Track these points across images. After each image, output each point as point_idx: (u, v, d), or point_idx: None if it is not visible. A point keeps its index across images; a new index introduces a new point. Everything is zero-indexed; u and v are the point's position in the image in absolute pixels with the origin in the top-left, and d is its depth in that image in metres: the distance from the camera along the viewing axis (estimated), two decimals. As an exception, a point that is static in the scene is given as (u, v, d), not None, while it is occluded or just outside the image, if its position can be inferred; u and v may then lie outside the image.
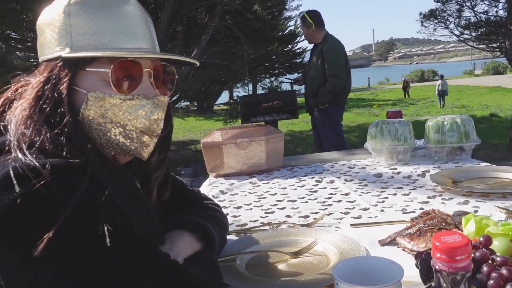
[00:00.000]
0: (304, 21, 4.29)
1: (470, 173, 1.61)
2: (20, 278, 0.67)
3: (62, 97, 0.77)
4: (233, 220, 1.39)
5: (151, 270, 0.72)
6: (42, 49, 0.83)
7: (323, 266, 1.00)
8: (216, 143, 1.98)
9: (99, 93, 0.79)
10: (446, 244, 0.54)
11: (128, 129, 0.82)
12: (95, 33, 0.78)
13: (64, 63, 0.78)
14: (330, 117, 4.27)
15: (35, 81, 0.80)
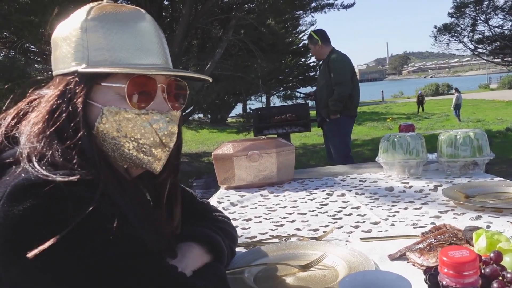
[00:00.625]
0: (311, 38, 4.51)
1: (483, 188, 1.58)
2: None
3: (77, 111, 0.78)
4: (243, 233, 1.39)
5: (158, 283, 0.72)
6: (57, 63, 0.85)
7: (332, 280, 0.99)
8: (227, 155, 1.99)
9: (115, 108, 0.80)
10: (454, 259, 0.53)
11: (142, 143, 0.83)
12: (111, 49, 0.80)
13: (80, 77, 0.80)
14: (342, 128, 4.40)
15: (50, 94, 0.81)
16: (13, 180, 0.71)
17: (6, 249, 0.68)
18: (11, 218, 0.67)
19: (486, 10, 7.67)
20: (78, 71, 0.80)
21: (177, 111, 0.88)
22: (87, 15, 0.81)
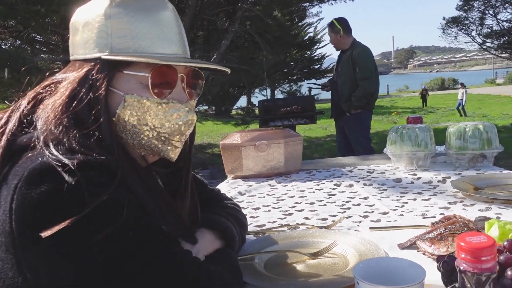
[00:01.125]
0: (333, 27, 4.37)
1: (492, 180, 1.58)
2: (44, 272, 0.68)
3: (99, 98, 0.79)
4: (252, 221, 1.39)
5: (173, 267, 0.72)
6: (77, 48, 0.84)
7: (342, 268, 0.99)
8: (235, 145, 1.99)
9: (137, 96, 0.81)
10: (472, 245, 0.53)
11: (161, 132, 0.84)
12: (135, 37, 0.80)
13: (103, 64, 0.80)
14: (363, 121, 4.37)
15: (70, 79, 0.81)
16: (30, 164, 0.71)
17: (24, 231, 0.69)
18: (28, 201, 0.67)
19: (494, 3, 7.61)
20: (101, 57, 0.80)
21: (194, 100, 0.89)
22: (111, 2, 0.81)
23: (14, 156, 0.77)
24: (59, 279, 0.68)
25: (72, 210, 0.68)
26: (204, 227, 0.95)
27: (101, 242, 0.68)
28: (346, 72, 4.34)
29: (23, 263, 0.69)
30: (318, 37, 18.41)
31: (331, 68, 18.45)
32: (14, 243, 0.69)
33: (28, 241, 0.68)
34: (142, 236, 0.71)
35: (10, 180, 0.72)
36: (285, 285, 0.91)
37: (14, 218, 0.69)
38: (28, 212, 0.68)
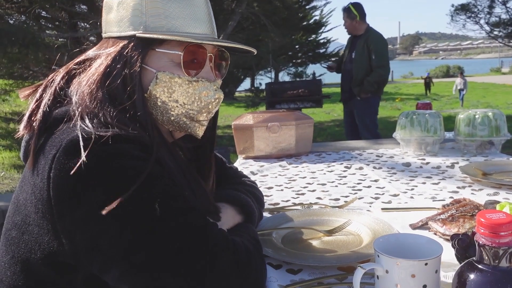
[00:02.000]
0: (349, 12, 4.44)
1: (500, 167, 1.62)
2: (80, 238, 0.72)
3: (134, 74, 0.82)
4: (266, 199, 1.43)
5: (204, 237, 0.76)
6: (110, 26, 0.88)
7: (356, 245, 1.04)
8: (247, 125, 2.03)
9: (169, 74, 0.85)
10: (491, 221, 0.57)
11: (190, 109, 0.88)
12: (168, 16, 0.84)
13: (137, 42, 0.83)
14: (372, 106, 4.50)
15: (104, 56, 0.85)
16: (67, 135, 0.75)
17: (61, 199, 0.72)
18: (66, 170, 0.71)
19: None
20: (136, 35, 0.83)
21: (220, 80, 0.93)
22: None
23: (50, 128, 0.80)
24: (95, 244, 0.72)
25: (110, 181, 0.72)
26: (226, 202, 0.99)
27: (137, 214, 0.71)
28: (361, 58, 4.42)
29: (59, 229, 0.74)
30: (324, 20, 18.25)
31: (336, 52, 18.34)
32: (51, 210, 0.73)
33: (65, 208, 0.72)
34: (175, 208, 0.75)
35: (48, 151, 0.76)
36: (303, 258, 0.96)
37: (51, 186, 0.73)
38: (65, 181, 0.72)
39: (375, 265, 0.72)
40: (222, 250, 0.77)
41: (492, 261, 0.58)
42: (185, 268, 0.72)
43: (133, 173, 0.72)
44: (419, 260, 0.69)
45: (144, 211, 0.72)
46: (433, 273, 0.69)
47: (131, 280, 0.72)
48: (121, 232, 0.71)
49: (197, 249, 0.74)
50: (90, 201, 0.71)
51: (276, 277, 0.90)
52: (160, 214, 0.73)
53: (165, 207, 0.73)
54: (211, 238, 0.77)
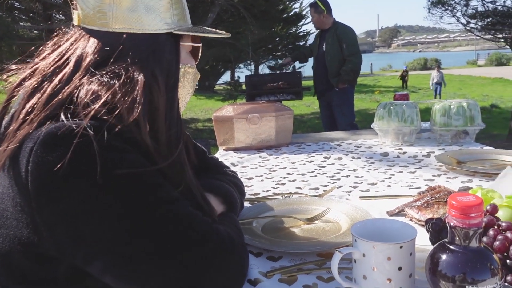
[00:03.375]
0: (317, 7, 4.60)
1: (474, 155, 1.67)
2: (62, 230, 0.72)
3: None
4: (246, 190, 1.44)
5: (187, 226, 0.76)
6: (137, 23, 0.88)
7: (335, 232, 1.06)
8: (228, 117, 2.04)
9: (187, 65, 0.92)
10: (462, 203, 0.60)
11: (190, 95, 0.96)
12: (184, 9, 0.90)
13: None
14: (349, 96, 4.69)
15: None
16: (46, 128, 0.74)
17: (42, 192, 0.72)
18: (45, 163, 0.70)
19: (480, -16, 7.72)
20: (172, 33, 0.86)
21: None
22: None
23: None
24: (77, 236, 0.71)
25: (91, 172, 0.71)
26: (209, 192, 1.00)
27: (116, 204, 0.71)
28: (333, 50, 4.56)
29: (39, 222, 0.73)
30: (303, 13, 18.30)
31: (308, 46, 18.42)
32: (30, 203, 0.72)
33: (45, 201, 0.71)
34: (159, 197, 0.75)
35: (26, 144, 0.75)
36: (283, 246, 0.98)
37: (30, 179, 0.72)
38: (45, 174, 0.71)
39: (352, 249, 0.74)
40: (207, 239, 0.77)
41: (463, 242, 0.60)
42: (171, 257, 0.73)
43: (116, 164, 0.72)
44: (395, 243, 0.71)
45: (127, 201, 0.72)
46: (408, 255, 0.72)
47: (116, 271, 0.72)
48: (104, 223, 0.71)
49: (182, 238, 0.74)
50: (71, 193, 0.70)
51: (257, 265, 0.91)
52: (144, 204, 0.73)
53: (149, 197, 0.74)
54: (196, 227, 0.77)
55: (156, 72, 0.81)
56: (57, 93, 0.78)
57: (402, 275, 0.71)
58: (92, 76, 0.79)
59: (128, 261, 0.71)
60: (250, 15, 8.91)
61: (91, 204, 0.69)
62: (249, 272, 0.87)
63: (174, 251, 0.73)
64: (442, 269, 0.61)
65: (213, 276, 0.75)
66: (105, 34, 0.82)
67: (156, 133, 0.80)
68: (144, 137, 0.77)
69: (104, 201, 0.70)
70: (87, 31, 0.84)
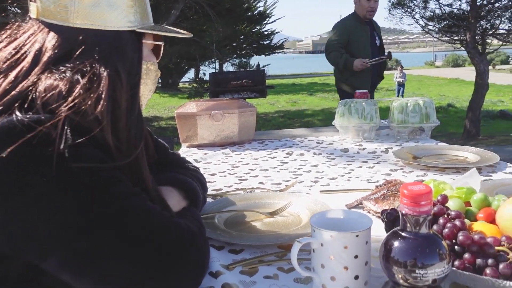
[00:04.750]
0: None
1: (429, 151, 1.74)
2: (15, 227, 0.70)
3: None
4: (209, 185, 1.44)
5: (145, 220, 0.75)
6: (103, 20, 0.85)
7: (296, 225, 1.08)
8: (191, 114, 2.03)
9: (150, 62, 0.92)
10: (413, 192, 0.63)
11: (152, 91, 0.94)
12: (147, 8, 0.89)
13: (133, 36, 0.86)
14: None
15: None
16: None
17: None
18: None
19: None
20: (135, 30, 0.85)
21: None
22: None
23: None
24: (31, 232, 0.70)
25: (45, 167, 0.69)
26: (172, 186, 1.00)
27: (70, 196, 0.70)
28: (377, 41, 4.06)
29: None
30: (268, 12, 18.38)
31: (281, 44, 18.51)
32: None
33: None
34: (116, 191, 0.74)
35: None
36: (245, 239, 0.99)
37: None
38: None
39: (311, 239, 0.76)
40: (166, 232, 0.77)
41: (414, 228, 0.63)
42: (128, 252, 0.72)
43: (72, 158, 0.71)
44: (351, 232, 0.73)
45: (83, 195, 0.71)
46: (364, 244, 0.74)
47: (72, 268, 0.71)
48: (59, 218, 0.69)
49: (141, 232, 0.74)
50: (25, 188, 0.69)
51: (219, 258, 0.92)
52: (101, 198, 0.72)
53: (106, 191, 0.73)
54: (154, 221, 0.77)
55: (119, 69, 0.80)
56: (13, 87, 0.76)
57: (358, 263, 0.74)
58: (52, 71, 0.77)
59: (85, 257, 0.70)
60: (214, 12, 8.87)
61: (46, 199, 0.68)
62: (210, 265, 0.88)
63: (132, 246, 0.72)
64: (395, 255, 0.64)
65: (172, 270, 0.75)
66: (66, 29, 0.80)
67: (117, 131, 0.79)
68: (106, 134, 0.76)
69: (59, 196, 0.68)
70: (47, 25, 0.81)
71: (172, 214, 0.88)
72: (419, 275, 0.62)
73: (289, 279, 0.84)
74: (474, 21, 7.20)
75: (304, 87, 19.06)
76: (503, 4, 7.67)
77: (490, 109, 10.36)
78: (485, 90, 7.40)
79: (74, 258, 0.70)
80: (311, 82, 22.55)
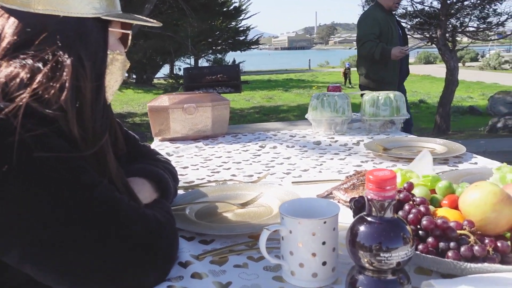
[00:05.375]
0: None
1: (399, 143, 1.77)
2: None
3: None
4: (181, 178, 1.44)
5: (111, 211, 0.74)
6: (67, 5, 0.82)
7: (267, 215, 1.09)
8: (163, 107, 2.01)
9: (117, 52, 0.88)
10: (378, 177, 0.64)
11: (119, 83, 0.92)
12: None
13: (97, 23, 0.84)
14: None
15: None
16: None
17: None
18: None
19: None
20: (100, 18, 0.82)
21: None
22: None
23: None
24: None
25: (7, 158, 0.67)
26: (143, 177, 0.98)
27: (36, 187, 0.68)
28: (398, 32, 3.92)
29: None
30: (243, 7, 18.34)
31: (256, 39, 18.46)
32: None
33: None
34: (81, 181, 0.72)
35: None
36: (215, 229, 0.99)
37: None
38: None
39: (279, 226, 0.77)
40: (133, 223, 0.76)
41: (379, 213, 0.64)
42: (94, 243, 0.71)
43: (35, 147, 0.69)
44: (319, 219, 0.74)
45: (47, 186, 0.69)
46: (331, 230, 0.75)
47: (36, 260, 0.69)
48: (21, 209, 0.68)
49: (106, 223, 0.73)
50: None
51: (189, 248, 0.92)
52: (65, 188, 0.70)
53: (70, 181, 0.71)
54: (120, 211, 0.76)
55: (83, 57, 0.78)
56: None
57: (326, 249, 0.75)
58: (12, 58, 0.75)
59: (48, 249, 0.68)
60: (189, 7, 8.80)
61: (7, 189, 0.66)
62: (180, 255, 0.87)
63: (98, 237, 0.71)
64: (360, 239, 0.65)
65: (139, 260, 0.74)
66: (27, 14, 0.77)
67: (82, 121, 0.77)
68: (70, 124, 0.74)
69: (22, 186, 0.67)
70: (7, 10, 0.79)
71: (140, 205, 0.86)
72: (383, 258, 0.63)
73: (258, 267, 0.84)
74: (444, 19, 7.36)
75: (280, 83, 19.12)
76: (472, 2, 7.87)
77: (460, 105, 10.62)
78: (455, 86, 7.58)
79: (38, 250, 0.68)
80: (287, 78, 22.64)
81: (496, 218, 0.74)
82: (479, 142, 5.95)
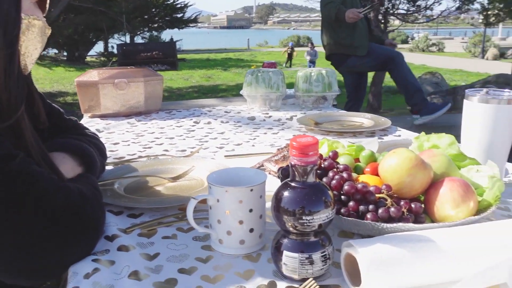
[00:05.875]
0: None
1: (329, 117, 1.83)
2: None
3: None
4: (110, 154, 1.40)
5: (28, 184, 0.71)
6: None
7: (198, 187, 1.09)
8: (92, 82, 1.93)
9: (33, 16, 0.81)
10: (301, 143, 0.65)
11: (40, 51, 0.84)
12: None
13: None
14: None
15: None
16: None
17: None
18: None
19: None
20: None
21: None
22: None
23: None
24: None
25: None
26: (65, 152, 0.94)
27: None
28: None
29: None
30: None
31: (194, 17, 18.12)
32: None
33: None
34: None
35: None
36: (144, 202, 0.97)
37: None
38: None
39: (206, 195, 0.77)
40: (52, 194, 0.73)
41: (301, 178, 0.66)
42: (13, 219, 0.67)
43: None
44: (246, 187, 0.75)
45: None
46: (258, 198, 0.77)
47: None
48: None
49: (25, 197, 0.69)
50: None
51: (116, 222, 0.89)
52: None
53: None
54: (40, 185, 0.72)
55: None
56: None
57: (253, 217, 0.76)
58: None
59: None
60: (121, -19, 8.42)
61: None
62: (106, 229, 0.85)
63: (17, 212, 0.68)
64: (284, 204, 0.66)
65: (62, 235, 0.72)
66: None
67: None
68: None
69: None
70: None
71: (62, 179, 0.83)
72: (306, 221, 0.65)
73: (188, 238, 0.84)
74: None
75: (219, 63, 18.93)
76: (403, -15, 8.19)
77: (391, 85, 11.10)
78: (386, 66, 7.89)
79: None
80: (226, 57, 22.48)
81: (411, 182, 0.79)
82: (406, 119, 6.26)
